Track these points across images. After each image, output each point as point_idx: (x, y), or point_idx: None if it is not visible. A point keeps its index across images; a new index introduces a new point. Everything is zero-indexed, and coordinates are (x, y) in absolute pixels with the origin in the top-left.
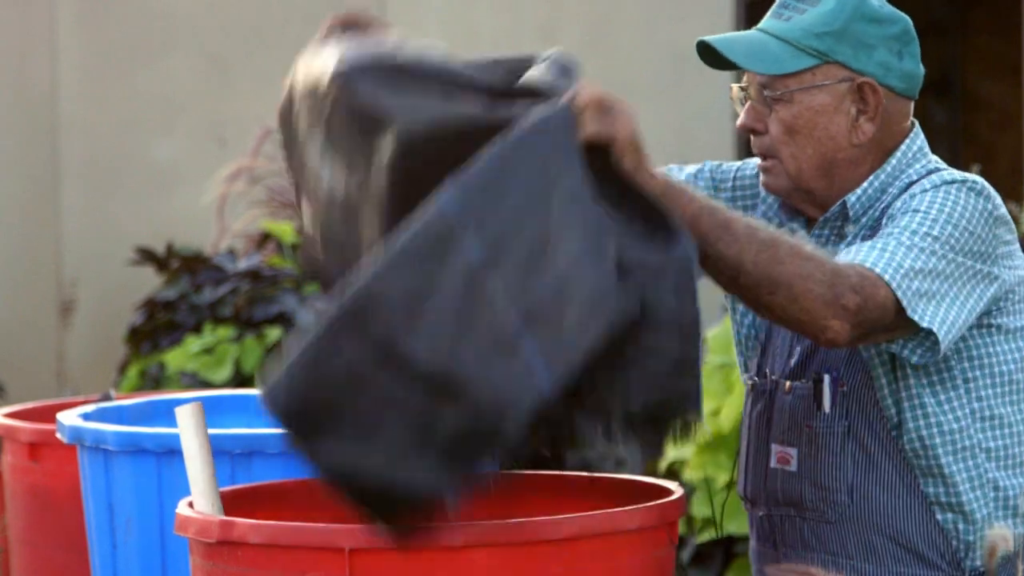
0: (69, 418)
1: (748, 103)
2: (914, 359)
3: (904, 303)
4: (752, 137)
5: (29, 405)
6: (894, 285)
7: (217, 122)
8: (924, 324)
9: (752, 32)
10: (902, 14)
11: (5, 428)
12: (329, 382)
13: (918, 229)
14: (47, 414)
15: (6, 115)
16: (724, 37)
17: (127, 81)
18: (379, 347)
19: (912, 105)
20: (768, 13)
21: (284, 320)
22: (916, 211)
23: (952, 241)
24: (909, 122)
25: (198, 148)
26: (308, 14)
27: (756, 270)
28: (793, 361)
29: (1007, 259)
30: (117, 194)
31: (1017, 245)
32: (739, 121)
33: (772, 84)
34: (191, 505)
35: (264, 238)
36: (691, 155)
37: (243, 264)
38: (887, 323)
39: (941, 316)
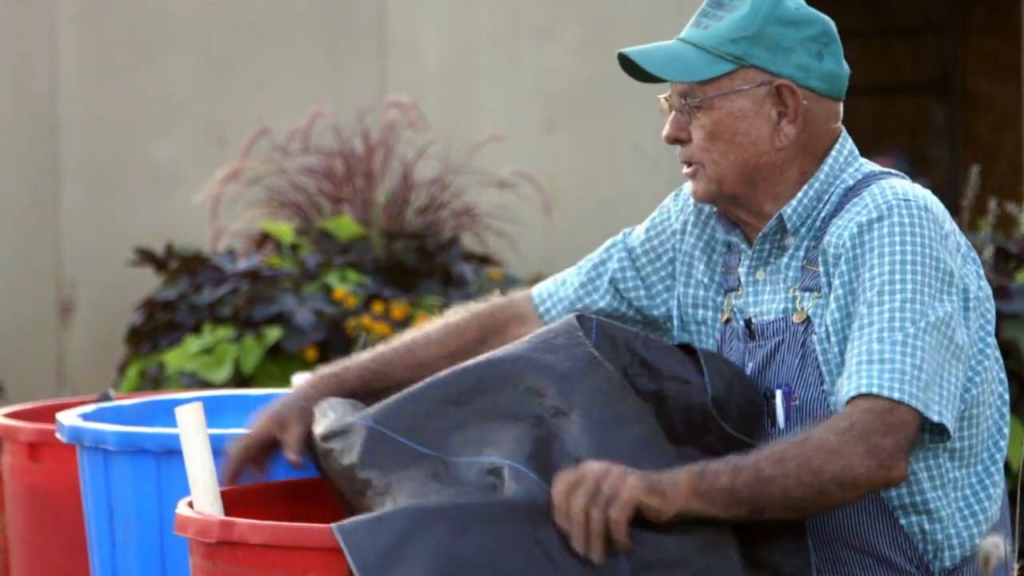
0: (69, 418)
1: (672, 114)
2: (923, 438)
3: (921, 408)
4: (679, 147)
5: (29, 405)
6: (913, 401)
7: (217, 122)
8: (935, 419)
9: (671, 42)
10: (821, 15)
11: (5, 428)
12: None
13: (894, 305)
14: (47, 414)
15: (6, 115)
16: (642, 48)
17: (127, 81)
18: None
19: (840, 106)
20: (689, 22)
21: (283, 320)
22: (882, 276)
23: (926, 292)
24: (837, 125)
25: (198, 148)
26: (308, 14)
27: (807, 493)
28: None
29: (965, 265)
30: (117, 194)
31: (965, 241)
32: (664, 132)
33: (691, 92)
34: (191, 505)
35: (263, 238)
36: None
37: (242, 264)
38: (917, 428)
39: (947, 396)
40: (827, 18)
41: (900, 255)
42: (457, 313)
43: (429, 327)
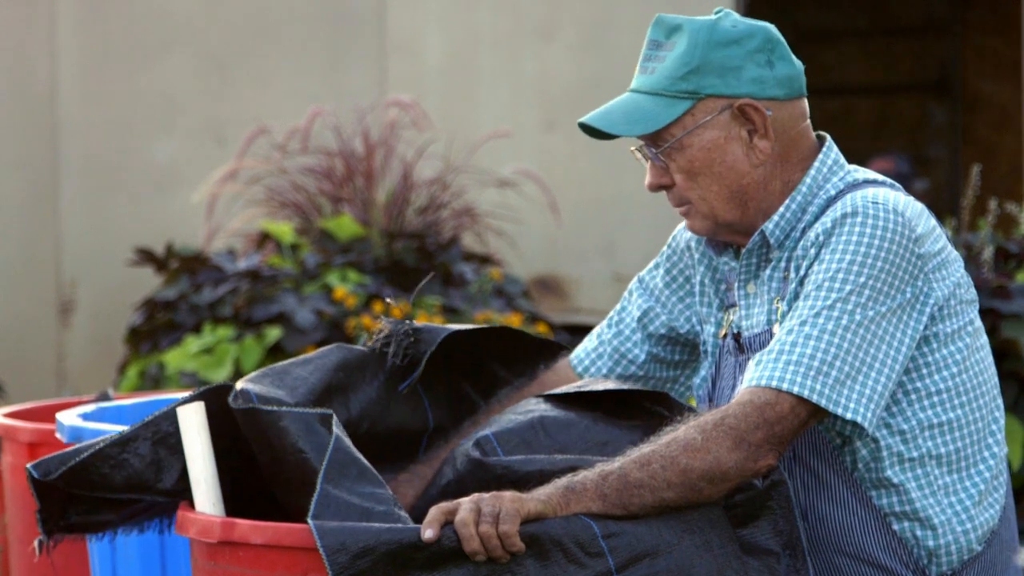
0: (69, 418)
1: (648, 162)
2: (846, 432)
3: (822, 403)
4: (666, 193)
5: (29, 405)
6: (804, 392)
7: (217, 122)
8: (848, 416)
9: (625, 96)
10: (759, 24)
11: (5, 428)
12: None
13: (827, 300)
14: (47, 414)
15: (6, 115)
16: (599, 112)
17: (127, 81)
18: None
19: (804, 102)
20: (636, 70)
21: (284, 320)
22: (828, 270)
23: (868, 291)
24: (808, 124)
25: (198, 148)
26: (308, 14)
27: (679, 492)
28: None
29: (938, 271)
30: (117, 194)
31: (948, 250)
32: (646, 181)
33: (659, 138)
34: (192, 505)
35: (263, 238)
36: None
37: (242, 264)
38: (807, 420)
39: (868, 394)
40: (766, 24)
41: (852, 255)
42: (512, 390)
43: (488, 412)
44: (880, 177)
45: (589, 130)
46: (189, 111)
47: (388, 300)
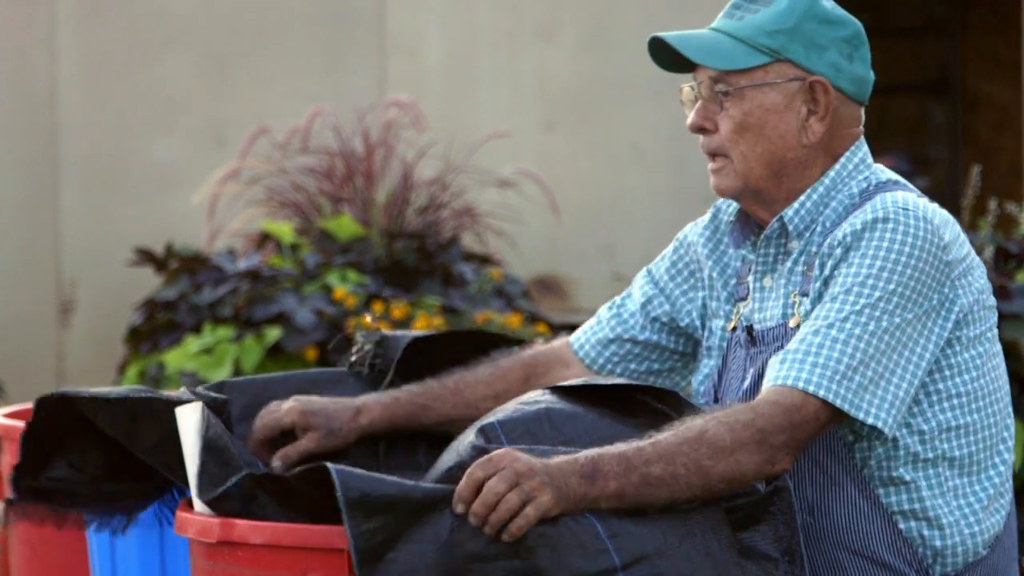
0: None
1: (699, 102)
2: (863, 432)
3: (844, 407)
4: (702, 137)
5: (29, 405)
6: (829, 396)
7: (217, 122)
8: (870, 421)
9: (705, 31)
10: (853, 18)
11: (5, 428)
12: None
13: (856, 304)
14: None
15: (6, 115)
16: (678, 34)
17: (127, 81)
18: None
19: (862, 112)
20: (721, 13)
21: (283, 320)
22: (858, 274)
23: (897, 298)
24: (859, 129)
25: (198, 148)
26: (308, 14)
27: (695, 494)
28: (746, 384)
29: (964, 277)
30: (117, 194)
31: (972, 257)
32: (689, 120)
33: (724, 80)
34: (191, 505)
35: (263, 238)
36: (688, 155)
37: (242, 264)
38: (826, 423)
39: (891, 400)
40: (858, 21)
41: (882, 261)
42: (503, 354)
43: (476, 368)
44: (903, 180)
45: (656, 51)
46: (189, 111)
47: (389, 299)
